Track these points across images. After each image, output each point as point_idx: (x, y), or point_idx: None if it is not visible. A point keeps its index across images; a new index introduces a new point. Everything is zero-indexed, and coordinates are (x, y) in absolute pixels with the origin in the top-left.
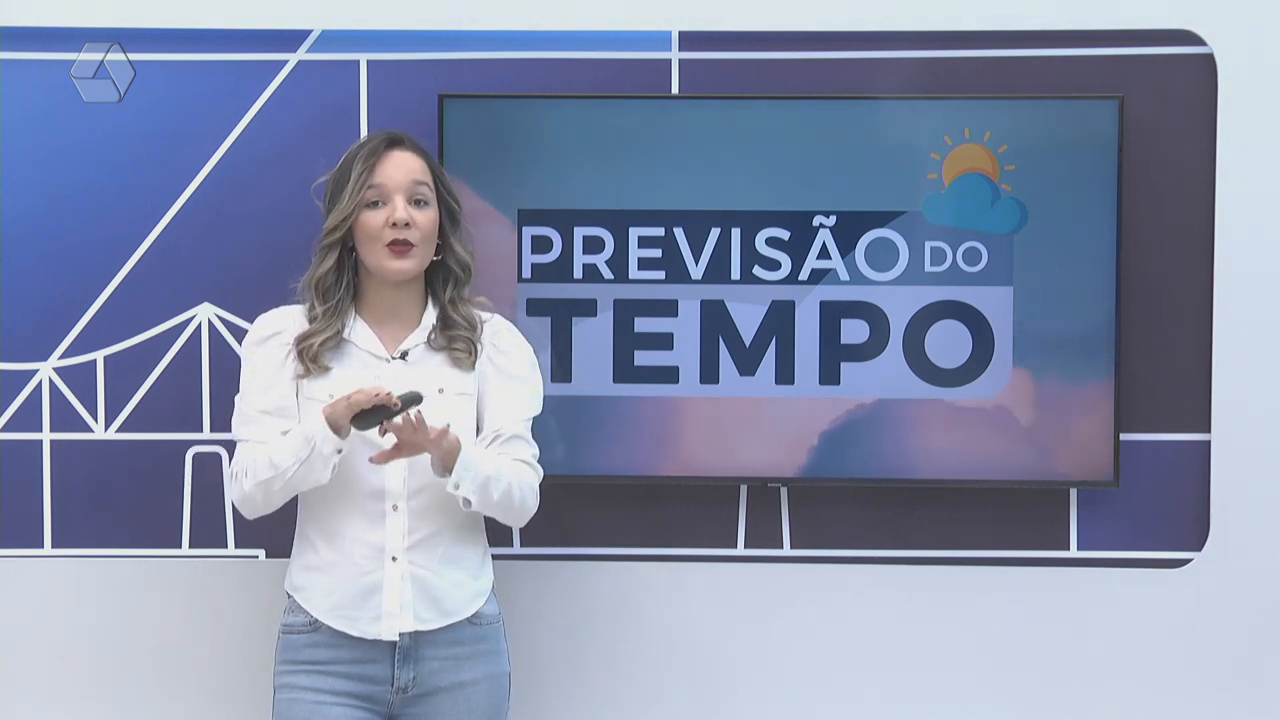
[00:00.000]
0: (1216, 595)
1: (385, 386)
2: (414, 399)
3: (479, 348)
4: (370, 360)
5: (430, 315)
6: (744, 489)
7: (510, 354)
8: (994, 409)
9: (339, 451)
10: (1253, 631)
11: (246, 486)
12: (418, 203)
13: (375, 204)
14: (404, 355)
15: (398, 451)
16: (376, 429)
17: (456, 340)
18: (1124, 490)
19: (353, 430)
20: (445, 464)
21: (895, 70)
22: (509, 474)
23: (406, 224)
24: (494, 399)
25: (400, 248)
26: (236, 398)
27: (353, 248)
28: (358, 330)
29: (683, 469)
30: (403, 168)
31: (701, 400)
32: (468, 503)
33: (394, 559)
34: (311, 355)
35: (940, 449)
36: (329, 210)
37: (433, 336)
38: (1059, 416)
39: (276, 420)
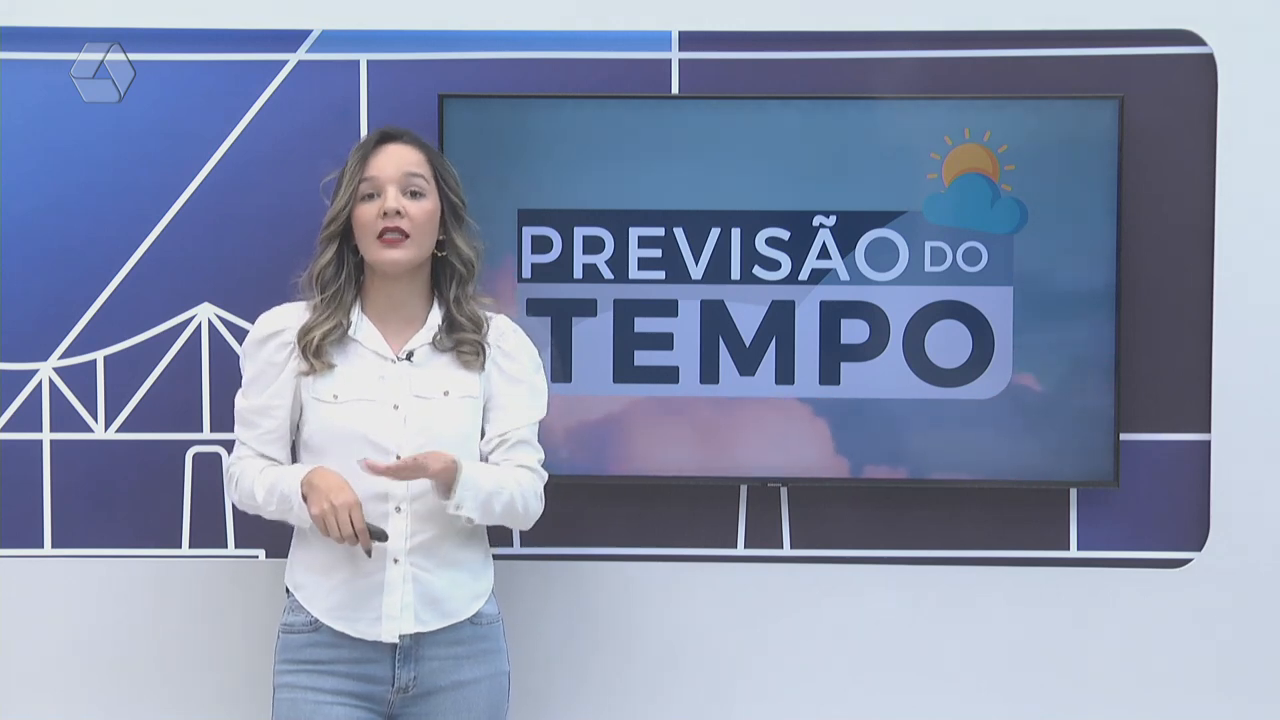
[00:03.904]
0: (1216, 595)
1: (358, 523)
2: (380, 536)
3: (486, 349)
4: (375, 360)
5: (436, 315)
6: (744, 489)
7: (515, 357)
8: (994, 409)
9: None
10: (1253, 631)
11: (235, 498)
12: (413, 194)
13: (370, 196)
14: (409, 356)
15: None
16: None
17: (464, 343)
18: (1124, 490)
19: (353, 428)
20: (446, 486)
21: (895, 70)
22: (510, 485)
23: (398, 213)
24: (499, 403)
25: (392, 238)
26: (237, 394)
27: (355, 246)
28: (363, 329)
29: (683, 469)
30: (396, 159)
31: (701, 400)
32: (470, 520)
33: (395, 561)
34: (314, 349)
35: (940, 449)
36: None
37: (438, 337)
38: (1059, 416)
39: (265, 420)
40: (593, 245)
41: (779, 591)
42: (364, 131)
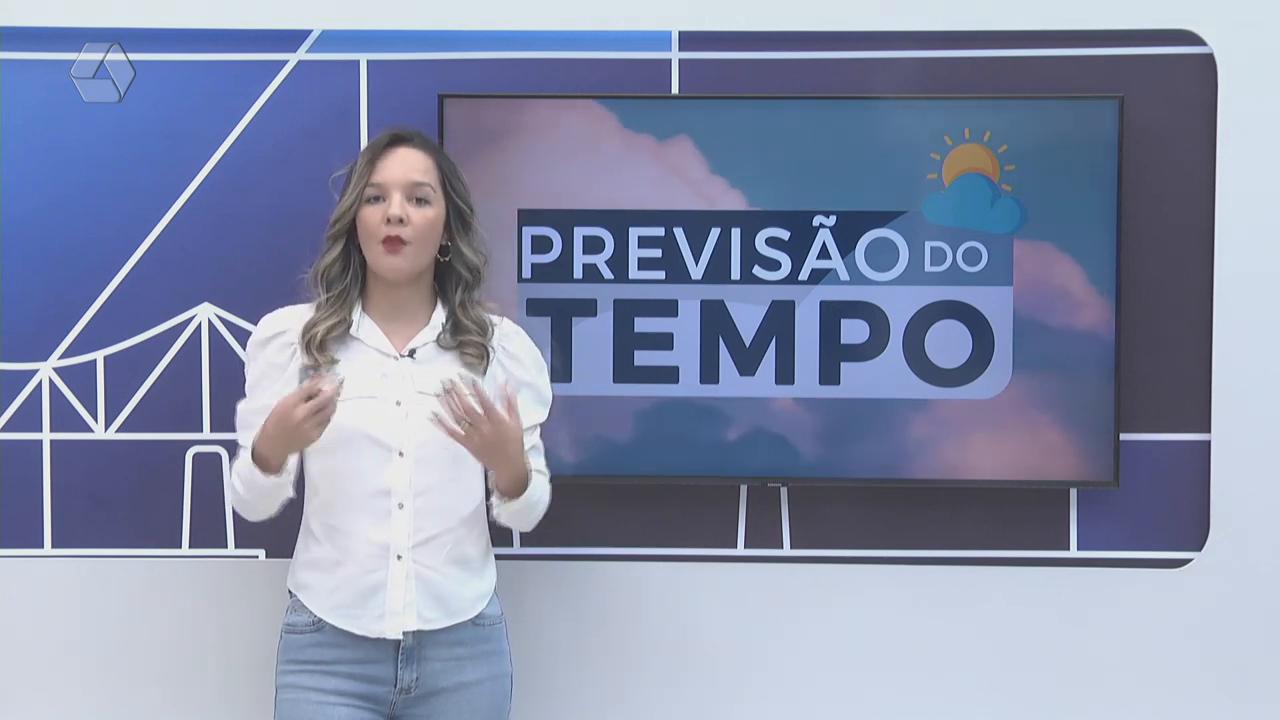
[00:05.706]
0: (1216, 595)
1: (304, 393)
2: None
3: (491, 353)
4: (377, 358)
5: (440, 315)
6: (744, 489)
7: (521, 360)
8: (994, 409)
9: (280, 483)
10: (1253, 631)
11: (231, 499)
12: (418, 201)
13: (376, 200)
14: (412, 353)
15: (467, 441)
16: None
17: (468, 345)
18: (1124, 490)
19: (353, 431)
20: (513, 489)
21: (895, 70)
22: (543, 495)
23: (400, 220)
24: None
25: (393, 245)
26: (240, 401)
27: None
28: (365, 327)
29: (683, 469)
30: (404, 165)
31: (701, 400)
32: (497, 519)
33: (399, 557)
34: (318, 344)
35: (940, 449)
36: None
37: (442, 336)
38: (1059, 416)
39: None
40: (593, 245)
41: (779, 591)
42: (364, 131)
